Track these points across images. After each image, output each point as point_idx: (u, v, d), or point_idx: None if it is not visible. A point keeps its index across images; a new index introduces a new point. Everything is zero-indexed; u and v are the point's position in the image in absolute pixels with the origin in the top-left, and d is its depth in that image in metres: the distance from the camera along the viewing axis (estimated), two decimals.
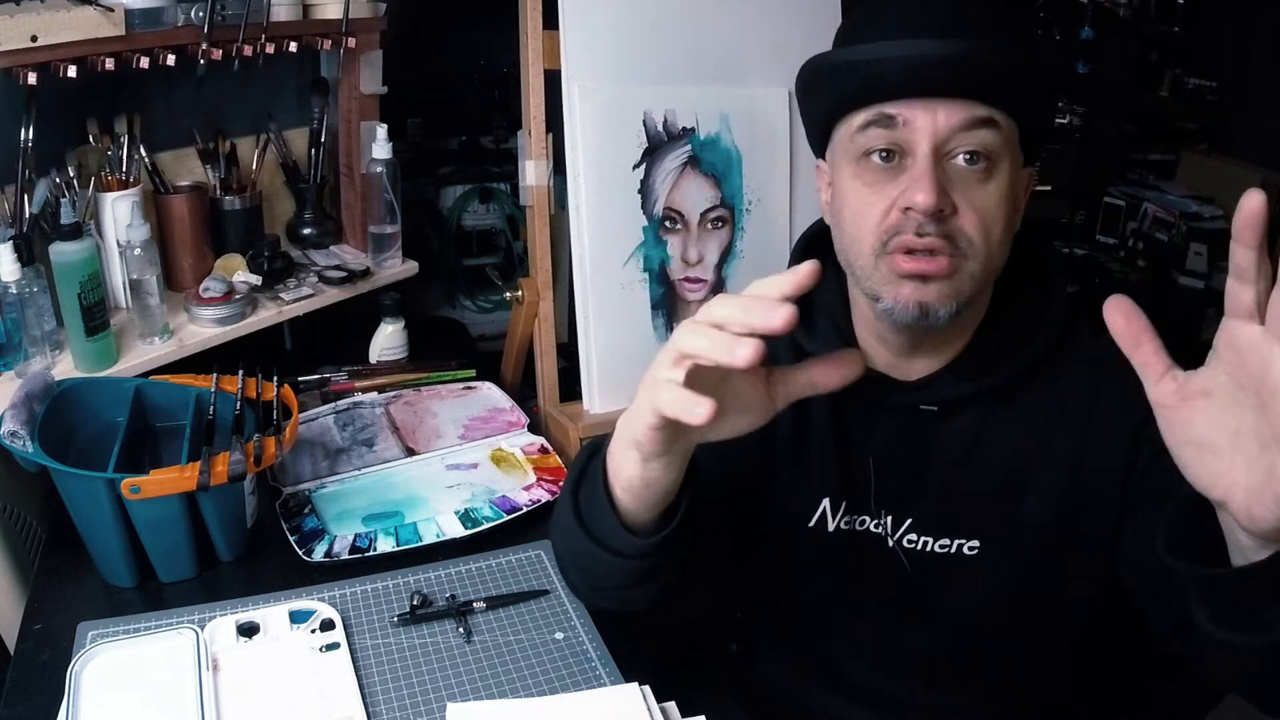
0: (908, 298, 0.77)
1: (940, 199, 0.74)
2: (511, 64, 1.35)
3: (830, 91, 0.81)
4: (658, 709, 0.82)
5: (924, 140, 0.75)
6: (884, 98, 0.76)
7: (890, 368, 0.86)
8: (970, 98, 0.74)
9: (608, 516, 0.73)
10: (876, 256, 0.78)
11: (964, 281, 0.77)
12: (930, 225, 0.75)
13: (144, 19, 1.14)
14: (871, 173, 0.78)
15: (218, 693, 0.81)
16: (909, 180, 0.75)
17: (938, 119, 0.74)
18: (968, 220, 0.76)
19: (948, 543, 0.86)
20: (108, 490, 0.90)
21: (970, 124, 0.75)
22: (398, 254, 1.53)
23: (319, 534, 1.04)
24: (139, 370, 1.18)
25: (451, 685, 0.86)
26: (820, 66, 0.81)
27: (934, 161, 0.75)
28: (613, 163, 1.34)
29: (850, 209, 0.80)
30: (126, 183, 1.26)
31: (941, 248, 0.75)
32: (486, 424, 1.30)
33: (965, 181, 0.76)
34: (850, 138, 0.79)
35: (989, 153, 0.76)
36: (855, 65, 0.77)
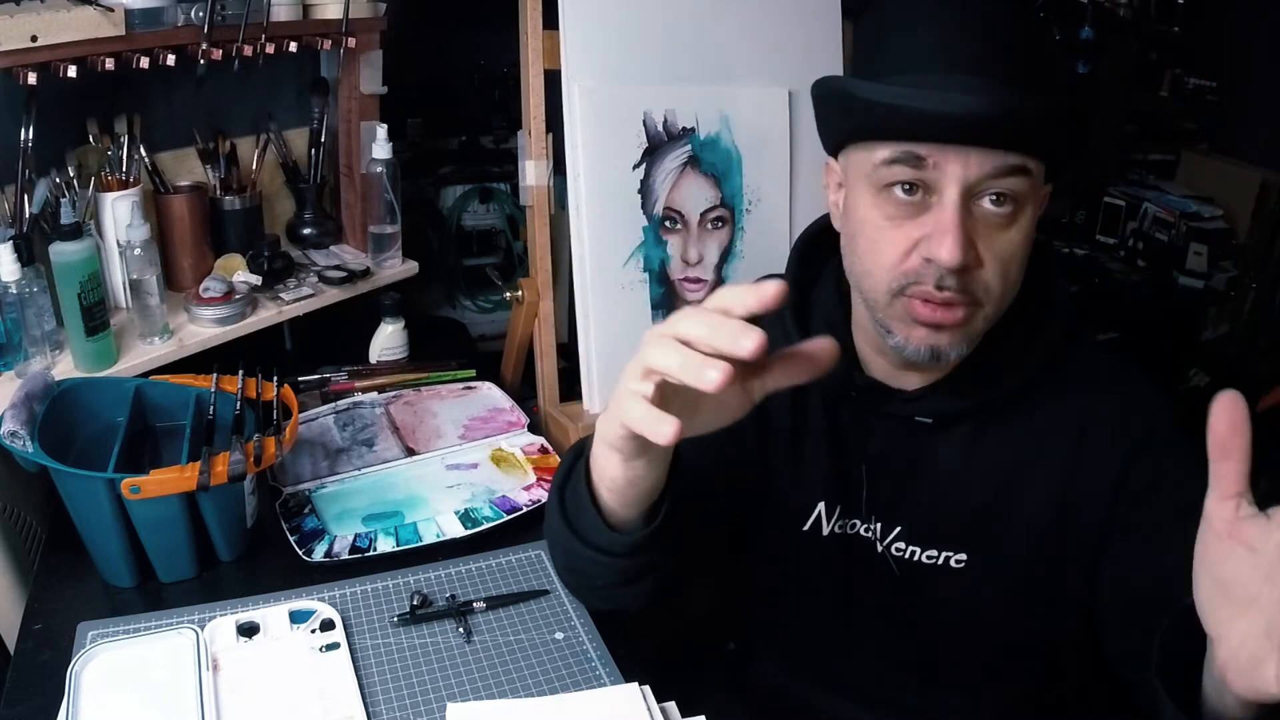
0: (920, 340, 0.76)
1: (965, 254, 0.71)
2: (511, 64, 1.35)
3: (851, 121, 0.78)
4: (658, 709, 0.82)
5: (953, 185, 0.72)
6: (913, 139, 0.72)
7: (887, 377, 0.86)
8: (1005, 147, 0.71)
9: (592, 516, 0.73)
10: (892, 297, 0.76)
11: (977, 325, 0.77)
12: (951, 279, 0.73)
13: (144, 19, 1.14)
14: (893, 206, 0.75)
15: (218, 693, 0.81)
16: (933, 226, 0.73)
17: (969, 165, 0.71)
18: (989, 270, 0.74)
19: (935, 554, 0.86)
20: (108, 490, 0.90)
21: (1002, 171, 0.72)
22: (398, 254, 1.53)
23: (319, 534, 1.04)
24: (139, 370, 1.18)
25: (451, 685, 0.86)
26: (840, 95, 0.77)
27: (961, 209, 0.72)
28: (613, 163, 1.34)
29: (867, 239, 0.78)
30: (126, 183, 1.26)
31: (959, 300, 0.74)
32: (486, 424, 1.30)
33: (990, 226, 0.74)
34: (873, 167, 0.76)
35: (1017, 197, 0.73)
36: (883, 107, 0.72)
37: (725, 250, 1.45)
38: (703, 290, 1.44)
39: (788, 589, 0.95)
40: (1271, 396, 2.09)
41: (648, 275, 1.38)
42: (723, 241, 1.44)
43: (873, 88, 0.73)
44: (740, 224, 1.45)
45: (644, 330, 1.51)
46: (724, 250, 1.44)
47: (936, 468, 0.85)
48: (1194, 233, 2.30)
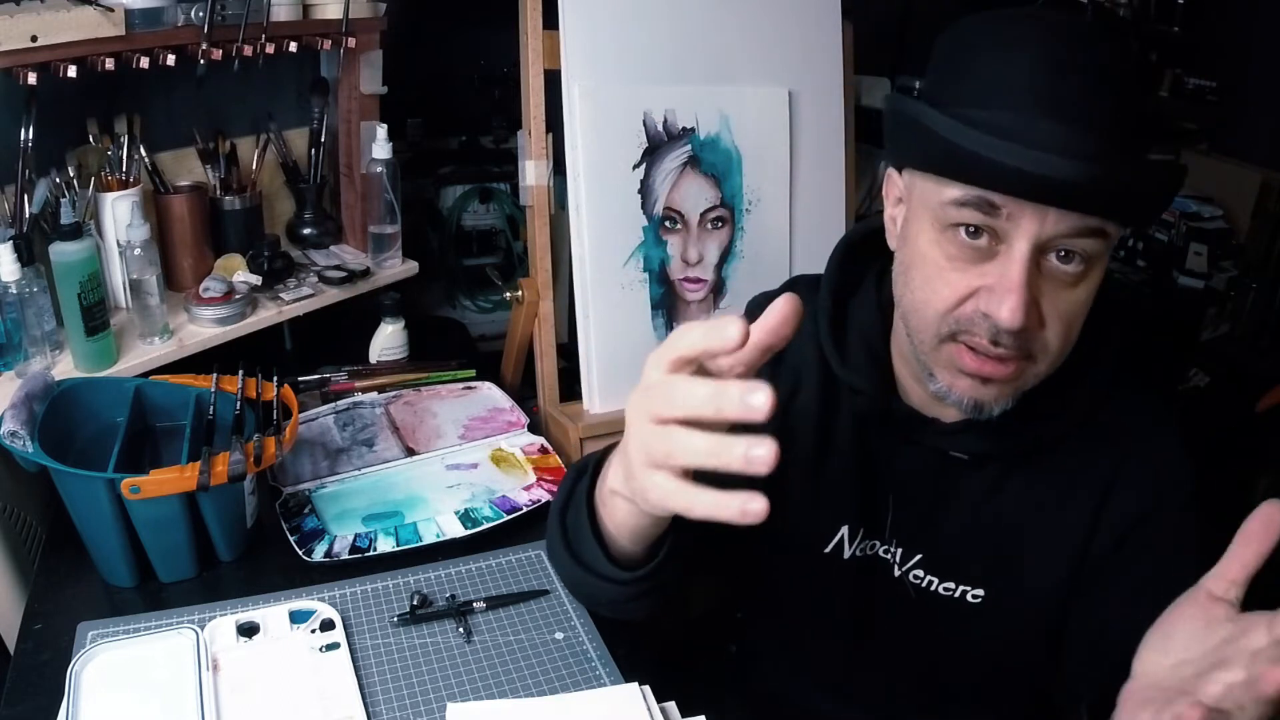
0: (964, 391, 0.73)
1: (1028, 317, 0.68)
2: (511, 64, 1.35)
3: (924, 152, 0.71)
4: (658, 709, 0.82)
5: (1025, 241, 0.67)
6: (989, 188, 0.67)
7: (924, 405, 0.83)
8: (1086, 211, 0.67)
9: (594, 548, 0.71)
10: (940, 341, 0.73)
11: (1026, 382, 0.73)
12: (1008, 338, 0.69)
13: (144, 19, 1.14)
14: (956, 247, 0.70)
15: (218, 693, 0.81)
16: (996, 280, 0.68)
17: (1046, 223, 0.66)
18: (1050, 331, 0.70)
19: (952, 586, 0.85)
20: (108, 490, 0.90)
21: (1079, 232, 0.67)
22: (398, 254, 1.53)
23: (319, 534, 1.04)
24: (139, 370, 1.18)
25: (451, 685, 0.86)
26: (916, 126, 0.70)
27: (1030, 266, 0.67)
28: (613, 163, 1.34)
29: (923, 276, 0.73)
30: (126, 183, 1.26)
31: (1013, 358, 0.71)
32: (486, 424, 1.30)
33: (1055, 284, 0.69)
34: (940, 204, 0.71)
35: (1089, 257, 0.69)
36: (964, 152, 0.66)
37: (725, 250, 1.45)
38: (702, 290, 1.44)
39: (800, 605, 0.94)
40: (1271, 396, 2.09)
41: (648, 275, 1.38)
42: (723, 241, 1.44)
43: (954, 127, 0.67)
44: (740, 224, 1.45)
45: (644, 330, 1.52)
46: (724, 250, 1.44)
47: (963, 502, 0.84)
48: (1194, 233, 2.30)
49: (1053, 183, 0.64)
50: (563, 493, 0.77)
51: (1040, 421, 0.80)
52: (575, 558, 0.74)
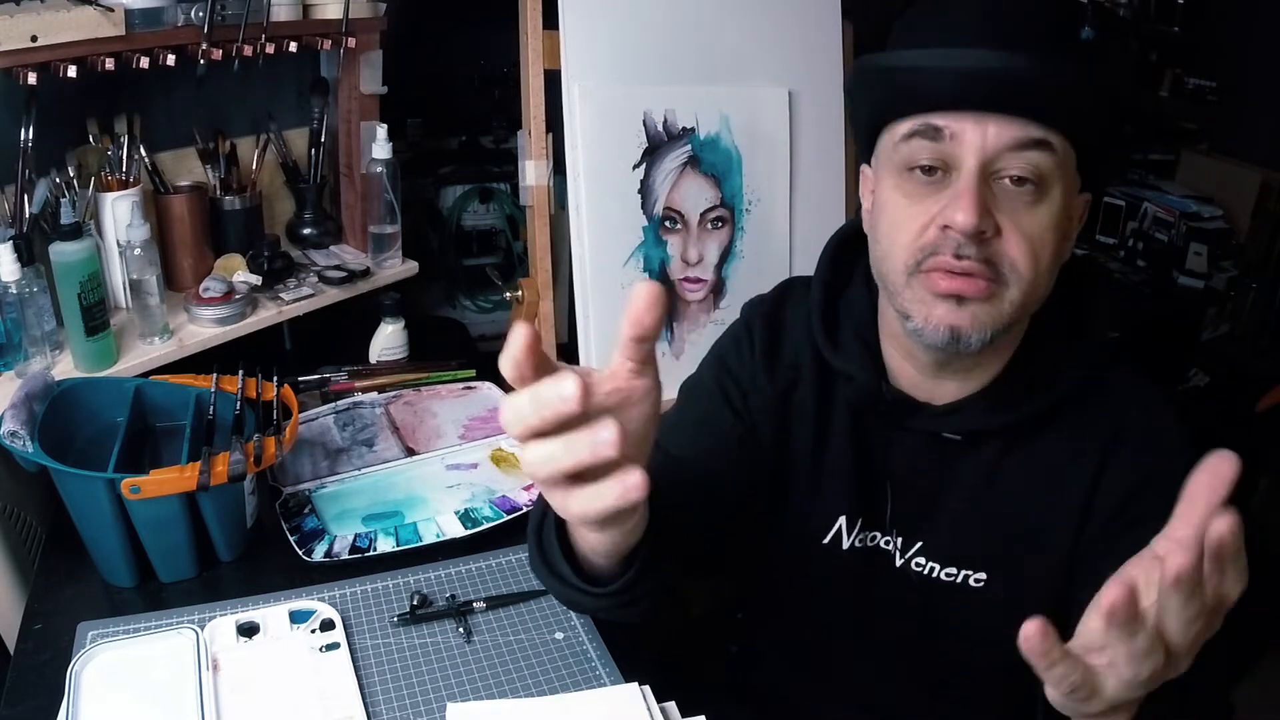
0: (939, 320, 0.74)
1: (982, 220, 0.70)
2: (511, 64, 1.35)
3: (876, 96, 0.78)
4: (658, 709, 0.83)
5: (971, 156, 0.71)
6: (931, 108, 0.72)
7: (915, 388, 0.84)
8: (1024, 115, 0.70)
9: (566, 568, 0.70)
10: (910, 274, 0.75)
11: (1002, 308, 0.74)
12: (970, 247, 0.71)
13: (144, 19, 1.14)
14: (913, 185, 0.75)
15: (218, 693, 0.81)
16: (950, 197, 0.72)
17: (987, 135, 0.70)
18: (1012, 244, 0.72)
19: (954, 572, 0.85)
20: (108, 490, 0.90)
21: (1022, 144, 0.71)
22: (398, 254, 1.53)
23: (319, 534, 1.04)
24: (139, 370, 1.18)
25: (451, 685, 0.86)
26: (866, 69, 0.78)
27: (979, 179, 0.71)
28: (613, 163, 1.34)
29: (887, 221, 0.78)
30: (126, 183, 1.26)
31: (980, 271, 0.72)
32: (486, 424, 1.30)
33: (1012, 203, 0.72)
34: (894, 147, 0.76)
35: (1040, 176, 0.72)
36: (902, 71, 0.73)
37: (725, 250, 1.45)
38: (702, 290, 1.44)
39: (801, 599, 0.94)
40: (1271, 396, 2.09)
41: (648, 275, 1.38)
42: (723, 241, 1.44)
43: (896, 55, 0.75)
44: (740, 224, 1.45)
45: None
46: (724, 250, 1.44)
47: (961, 485, 0.84)
48: (1194, 233, 2.30)
49: (981, 79, 0.69)
50: (536, 512, 0.76)
51: (1032, 396, 0.80)
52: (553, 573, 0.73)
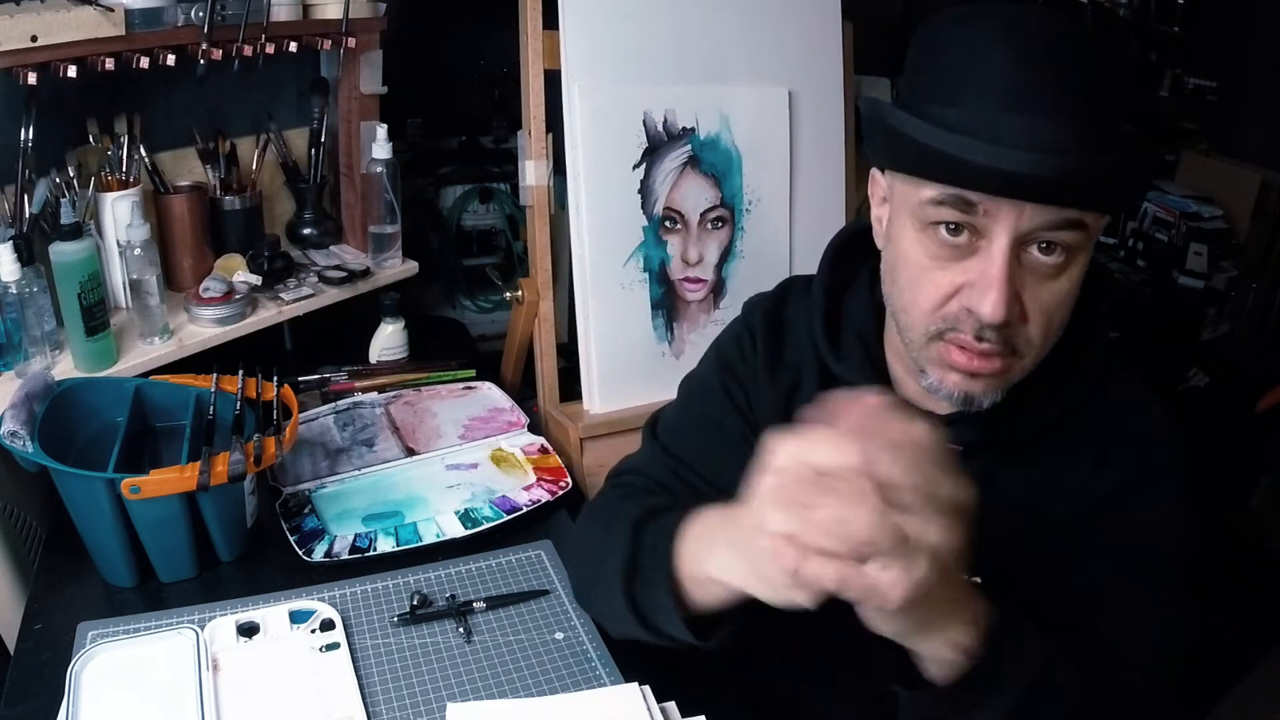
0: (954, 386, 0.74)
1: (1009, 310, 0.68)
2: (511, 64, 1.35)
3: (899, 155, 0.73)
4: (658, 709, 0.83)
5: (1003, 235, 0.67)
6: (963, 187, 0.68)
7: (918, 398, 0.83)
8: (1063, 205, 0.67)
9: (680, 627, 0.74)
10: (928, 340, 0.74)
11: (1014, 376, 0.75)
12: (991, 333, 0.70)
13: (144, 19, 1.14)
14: (937, 245, 0.71)
15: (218, 693, 0.81)
16: (978, 275, 0.69)
17: (1023, 217, 0.67)
18: (1033, 325, 0.71)
19: None
20: (108, 490, 0.90)
21: (1056, 225, 0.68)
22: (398, 254, 1.53)
23: (319, 534, 1.04)
24: (139, 370, 1.18)
25: (451, 685, 0.86)
26: (890, 131, 0.71)
27: (1010, 260, 0.68)
28: (613, 163, 1.34)
29: (908, 276, 0.75)
30: (126, 183, 1.26)
31: (998, 353, 0.72)
32: (486, 424, 1.30)
33: (1037, 276, 0.70)
34: (919, 203, 0.71)
35: (1071, 247, 0.69)
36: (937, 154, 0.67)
37: (725, 250, 1.45)
38: (702, 290, 1.44)
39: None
40: (1271, 396, 2.09)
41: (648, 275, 1.38)
42: (723, 241, 1.44)
43: (924, 128, 0.68)
44: (740, 224, 1.45)
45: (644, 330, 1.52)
46: (724, 250, 1.44)
47: None
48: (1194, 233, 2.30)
49: (1025, 179, 0.64)
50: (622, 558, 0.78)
51: (1032, 411, 0.81)
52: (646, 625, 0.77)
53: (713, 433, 0.92)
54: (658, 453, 0.95)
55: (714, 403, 0.93)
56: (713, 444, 0.90)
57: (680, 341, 1.43)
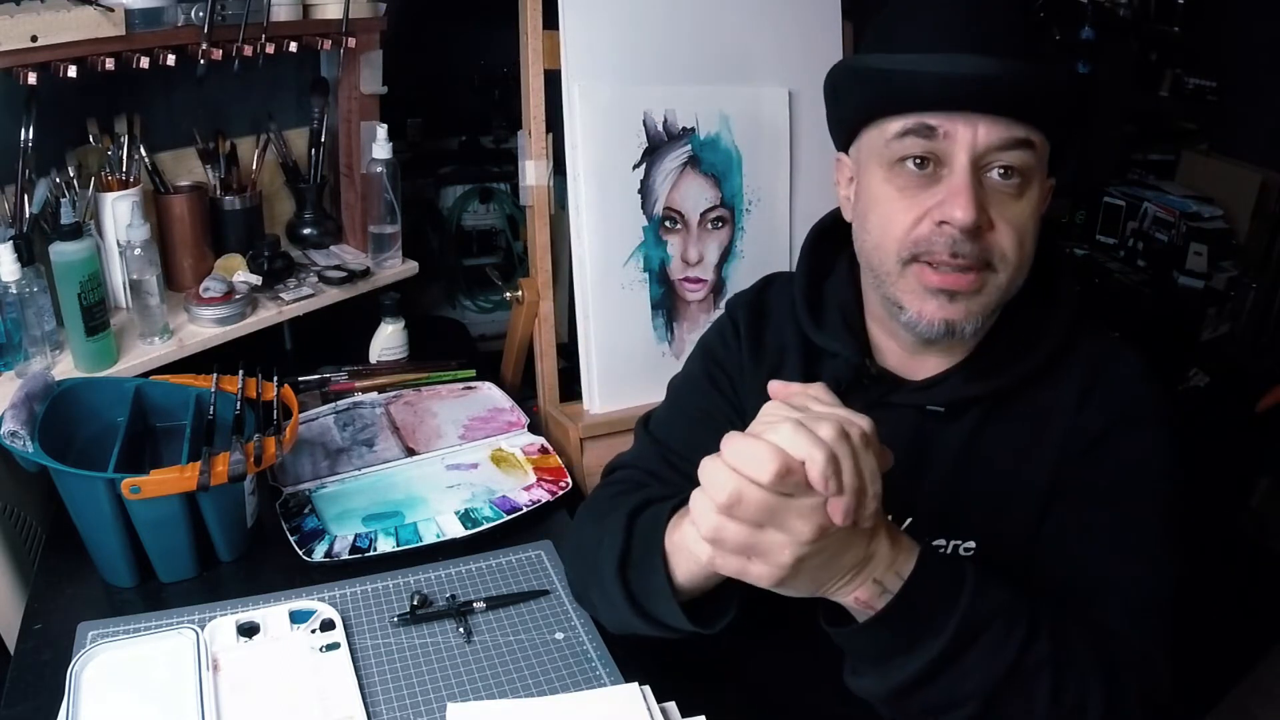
0: (933, 314, 0.77)
1: (979, 214, 0.73)
2: (511, 64, 1.35)
3: (866, 95, 0.79)
4: (658, 709, 0.83)
5: (963, 153, 0.74)
6: (925, 108, 0.75)
7: (898, 365, 0.86)
8: (1012, 117, 0.74)
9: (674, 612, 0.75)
10: (903, 265, 0.78)
11: (991, 296, 0.78)
12: (965, 244, 0.74)
13: (144, 19, 1.14)
14: (905, 179, 0.77)
15: (218, 693, 0.81)
16: (945, 192, 0.75)
17: (978, 134, 0.74)
18: (1003, 235, 0.76)
19: (943, 543, 0.86)
20: (108, 490, 0.90)
21: (1009, 143, 0.74)
22: (398, 254, 1.53)
23: (319, 534, 1.04)
24: (139, 370, 1.18)
25: (451, 685, 0.86)
26: (856, 71, 0.80)
27: (972, 176, 0.74)
28: (613, 163, 1.34)
29: (879, 214, 0.80)
30: (126, 183, 1.26)
31: (974, 265, 0.75)
32: (486, 424, 1.30)
33: (999, 196, 0.76)
34: (885, 143, 0.78)
35: (1023, 170, 0.76)
36: (896, 75, 0.75)
37: (725, 250, 1.45)
38: (702, 290, 1.44)
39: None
40: (1271, 396, 2.09)
41: (648, 275, 1.38)
42: (723, 241, 1.44)
43: (887, 58, 0.76)
44: (740, 224, 1.45)
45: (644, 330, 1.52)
46: (724, 250, 1.44)
47: (945, 456, 0.85)
48: (1194, 233, 2.30)
49: (977, 83, 0.72)
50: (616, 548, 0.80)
51: (1008, 366, 0.83)
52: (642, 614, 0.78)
53: (702, 422, 0.93)
54: (650, 445, 0.96)
55: (701, 393, 0.96)
56: (703, 432, 0.91)
57: (680, 341, 1.43)
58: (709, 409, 0.95)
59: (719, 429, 0.93)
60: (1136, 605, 0.77)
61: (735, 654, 1.08)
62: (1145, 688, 0.74)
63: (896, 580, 0.67)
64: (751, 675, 1.04)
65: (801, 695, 0.98)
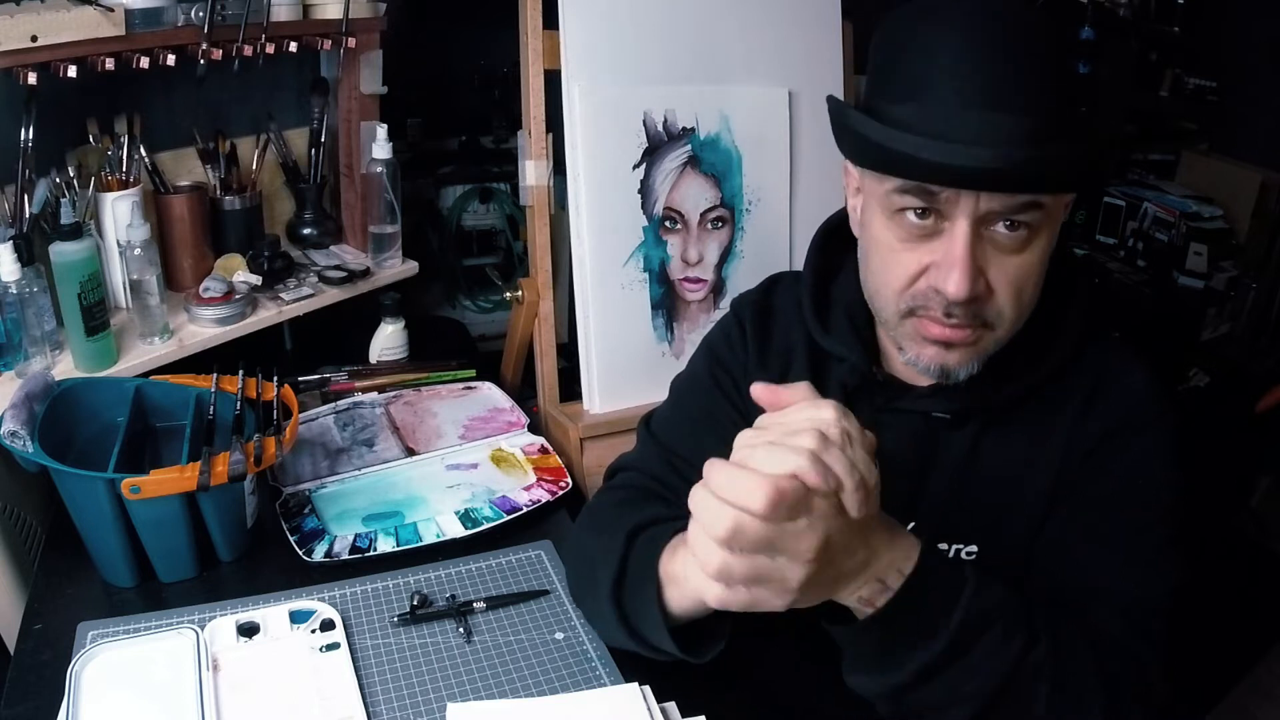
0: (930, 359, 0.78)
1: (973, 287, 0.72)
2: (511, 64, 1.35)
3: (862, 152, 0.77)
4: (658, 709, 0.83)
5: (964, 218, 0.71)
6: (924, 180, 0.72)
7: (905, 371, 0.86)
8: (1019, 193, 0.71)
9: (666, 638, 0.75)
10: (900, 317, 0.78)
11: (988, 346, 0.78)
12: (959, 309, 0.74)
13: (144, 19, 1.14)
14: (905, 230, 0.75)
15: (218, 693, 0.81)
16: (943, 254, 0.72)
17: (980, 201, 0.71)
18: (1001, 297, 0.74)
19: (945, 548, 0.86)
20: (108, 490, 0.90)
21: (1014, 209, 0.71)
22: (398, 254, 1.53)
23: (319, 534, 1.04)
24: (139, 370, 1.18)
25: (451, 685, 0.86)
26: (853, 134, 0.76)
27: (972, 240, 0.71)
28: (613, 163, 1.34)
29: (879, 259, 0.79)
30: (126, 183, 1.26)
31: (968, 325, 0.75)
32: (486, 424, 1.30)
33: (1002, 251, 0.73)
34: (885, 193, 0.75)
35: (1032, 224, 0.73)
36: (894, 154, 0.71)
37: (725, 250, 1.45)
38: (702, 290, 1.44)
39: None
40: (1271, 396, 2.09)
41: (648, 275, 1.38)
42: (723, 241, 1.44)
43: (879, 129, 0.72)
44: (740, 224, 1.45)
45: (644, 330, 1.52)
46: (724, 250, 1.44)
47: (949, 462, 0.85)
48: (1194, 233, 2.30)
49: (978, 173, 0.68)
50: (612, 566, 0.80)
51: (1014, 378, 0.83)
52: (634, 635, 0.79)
53: (706, 424, 0.93)
54: (653, 447, 0.96)
55: (706, 395, 0.95)
56: (706, 435, 0.91)
57: (680, 341, 1.42)
58: (712, 410, 0.94)
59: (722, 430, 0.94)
60: (1134, 612, 0.77)
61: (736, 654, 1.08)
62: (1140, 694, 0.74)
63: (898, 577, 0.67)
64: (752, 675, 1.04)
65: (802, 695, 0.98)
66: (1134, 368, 0.86)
